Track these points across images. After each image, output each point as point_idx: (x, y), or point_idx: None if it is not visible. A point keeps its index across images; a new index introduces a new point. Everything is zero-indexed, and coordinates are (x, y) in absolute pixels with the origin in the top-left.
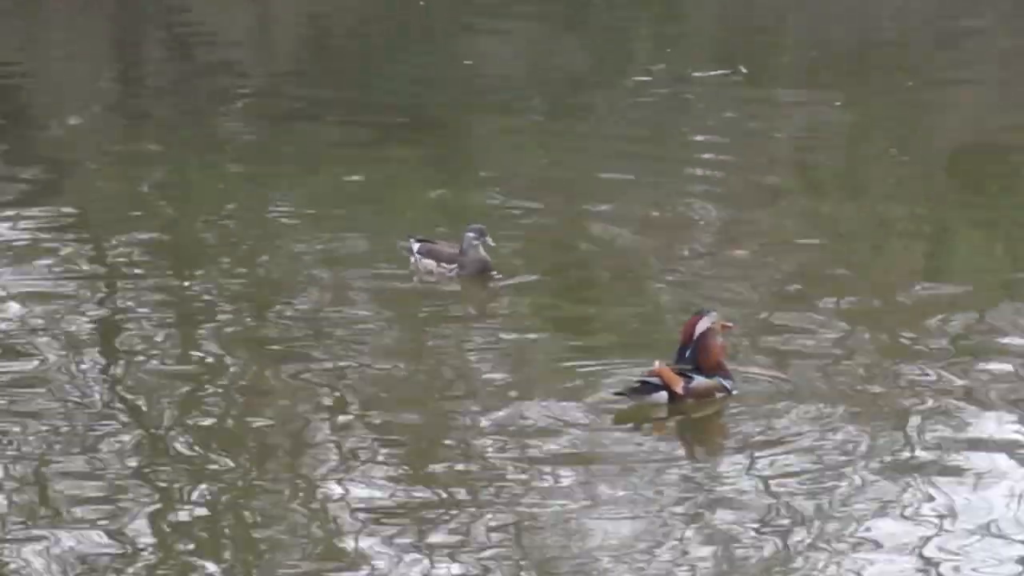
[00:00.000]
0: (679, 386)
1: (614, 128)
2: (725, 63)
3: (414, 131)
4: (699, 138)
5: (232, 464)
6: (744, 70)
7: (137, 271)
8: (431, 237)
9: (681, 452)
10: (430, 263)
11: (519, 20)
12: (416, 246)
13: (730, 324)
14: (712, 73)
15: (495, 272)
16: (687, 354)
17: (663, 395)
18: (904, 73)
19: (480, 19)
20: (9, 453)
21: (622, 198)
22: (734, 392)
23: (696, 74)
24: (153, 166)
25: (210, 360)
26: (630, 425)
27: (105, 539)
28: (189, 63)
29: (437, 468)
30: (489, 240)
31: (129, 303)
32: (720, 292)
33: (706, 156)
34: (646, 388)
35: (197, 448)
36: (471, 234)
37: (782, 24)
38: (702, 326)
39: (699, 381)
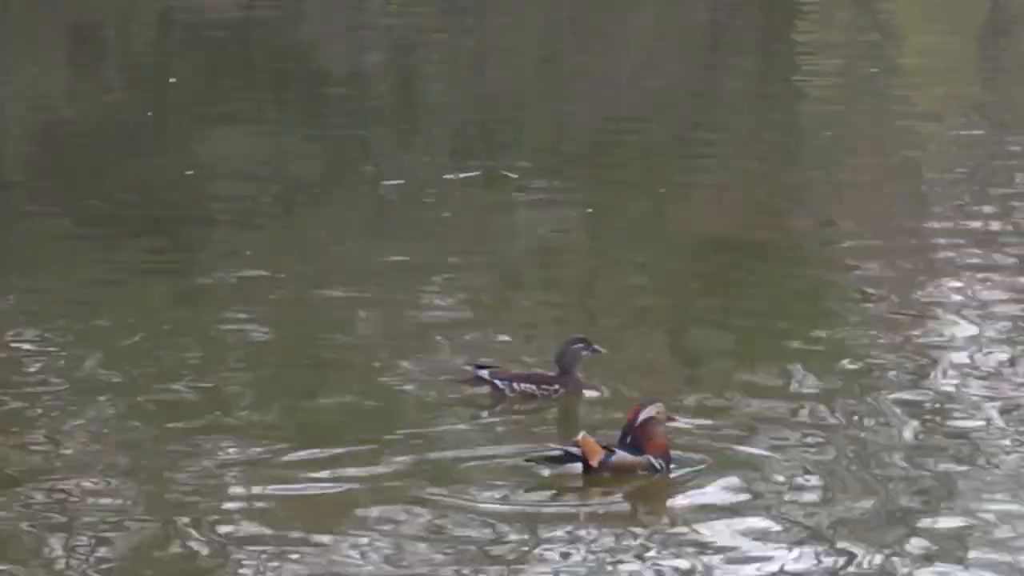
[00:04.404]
0: (596, 459)
1: (357, 236)
2: (473, 166)
3: (143, 241)
4: (447, 243)
5: None
6: (512, 175)
7: None
8: (494, 362)
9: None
10: (530, 387)
11: (251, 125)
12: (485, 372)
13: (675, 418)
14: (462, 175)
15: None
16: (627, 439)
17: (578, 466)
18: (653, 173)
19: (211, 125)
20: None
21: (364, 308)
22: (660, 470)
23: (446, 176)
24: None
25: None
26: (547, 493)
27: None
28: None
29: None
30: (600, 348)
31: None
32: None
33: (453, 261)
34: (563, 457)
35: None
36: (579, 346)
37: (528, 127)
38: (645, 414)
39: (620, 456)
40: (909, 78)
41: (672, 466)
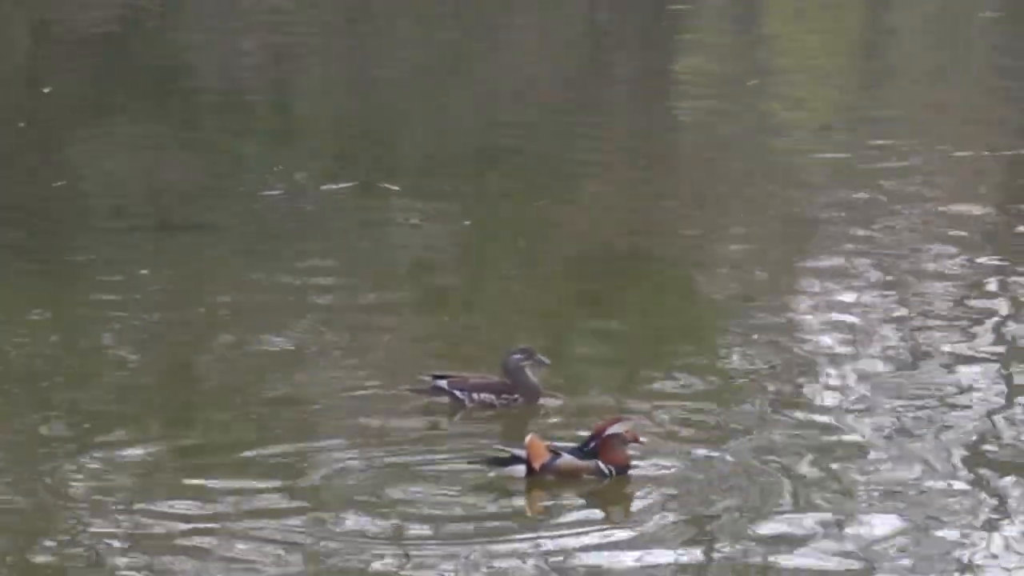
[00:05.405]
0: (539, 462)
1: (238, 247)
2: (351, 177)
3: (12, 250)
4: (324, 258)
5: None
6: (392, 187)
7: None
8: (448, 372)
9: None
10: (489, 397)
11: (126, 135)
12: (443, 383)
13: (643, 440)
14: (340, 186)
15: (545, 396)
16: (590, 445)
17: (521, 468)
18: (533, 185)
19: (84, 134)
20: None
21: (249, 323)
22: (609, 476)
23: (325, 187)
24: None
25: None
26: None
27: None
28: None
29: None
30: (543, 358)
31: None
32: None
33: (329, 276)
34: (508, 459)
35: None
36: (518, 356)
37: (408, 138)
38: (613, 429)
39: (567, 460)
40: (787, 86)
41: (610, 468)
